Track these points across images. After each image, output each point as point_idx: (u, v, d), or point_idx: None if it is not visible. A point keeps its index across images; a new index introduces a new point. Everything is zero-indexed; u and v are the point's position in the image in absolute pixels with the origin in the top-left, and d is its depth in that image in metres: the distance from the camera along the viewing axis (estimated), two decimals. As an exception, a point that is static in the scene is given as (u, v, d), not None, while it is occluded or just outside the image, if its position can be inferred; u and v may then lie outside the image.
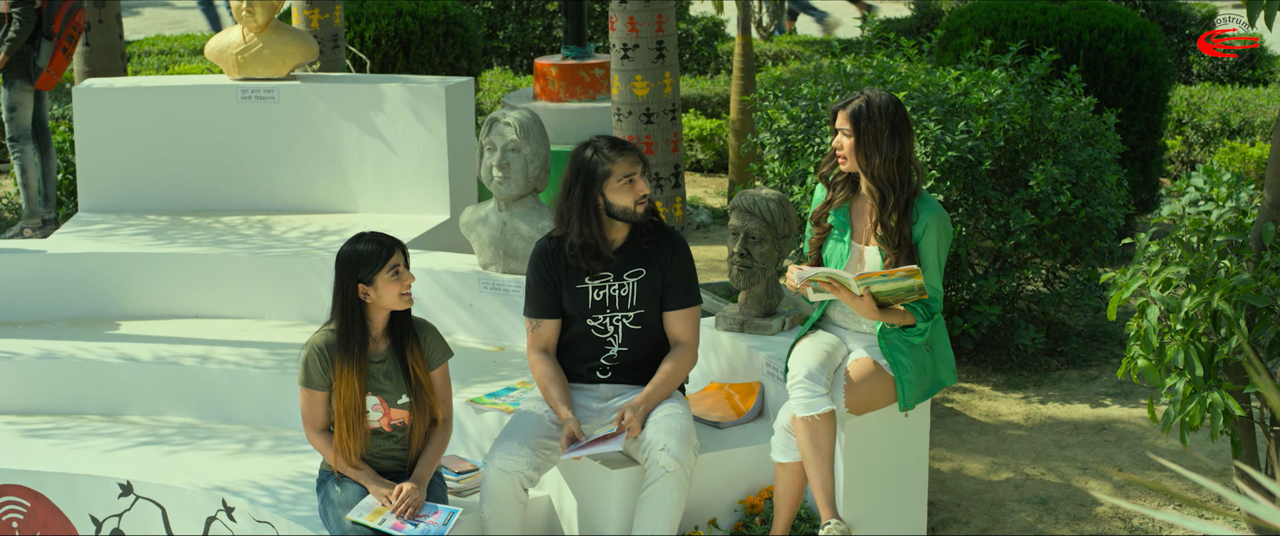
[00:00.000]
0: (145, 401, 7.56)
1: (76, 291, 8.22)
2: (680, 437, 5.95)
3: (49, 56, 10.04)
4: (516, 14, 16.11)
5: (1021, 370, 8.38)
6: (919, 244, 5.96)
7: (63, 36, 10.03)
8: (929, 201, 6.04)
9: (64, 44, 10.06)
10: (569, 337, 6.29)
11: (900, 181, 5.97)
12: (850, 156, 6.01)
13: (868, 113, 5.97)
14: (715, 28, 16.40)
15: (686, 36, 16.04)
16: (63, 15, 10.02)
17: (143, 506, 6.77)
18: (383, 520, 5.92)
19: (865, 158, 5.98)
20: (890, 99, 6.02)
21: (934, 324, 6.07)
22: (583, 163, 6.14)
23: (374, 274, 5.93)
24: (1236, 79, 14.54)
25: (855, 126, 5.98)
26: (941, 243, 6.00)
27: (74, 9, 10.08)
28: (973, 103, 8.15)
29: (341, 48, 10.38)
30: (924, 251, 5.96)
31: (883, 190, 5.97)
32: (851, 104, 6.02)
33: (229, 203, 9.01)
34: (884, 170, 5.96)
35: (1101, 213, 8.12)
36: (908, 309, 5.98)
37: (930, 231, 5.96)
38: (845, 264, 6.09)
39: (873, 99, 6.00)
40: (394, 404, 6.02)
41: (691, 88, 14.21)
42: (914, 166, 6.03)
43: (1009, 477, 7.21)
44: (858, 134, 5.98)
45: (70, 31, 10.07)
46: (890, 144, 5.95)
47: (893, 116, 5.98)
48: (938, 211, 6.01)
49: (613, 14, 7.55)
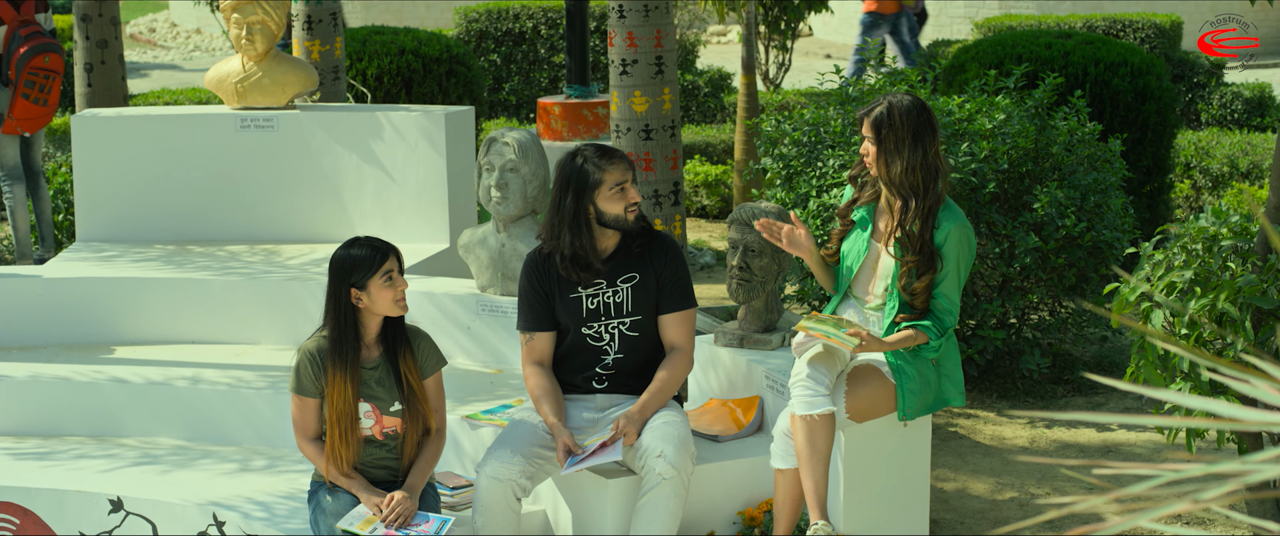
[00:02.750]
0: (138, 423, 7.47)
1: (72, 316, 8.15)
2: (677, 444, 5.85)
3: (8, 103, 9.97)
4: (522, 66, 16.10)
5: (1027, 396, 8.28)
6: (941, 252, 5.86)
7: (20, 82, 9.93)
8: (953, 210, 5.94)
9: (23, 89, 9.94)
10: (565, 349, 6.20)
11: (923, 188, 5.88)
12: (874, 164, 5.94)
13: (889, 119, 5.89)
14: (721, 80, 16.37)
15: (693, 88, 16.01)
16: (17, 60, 9.93)
17: (133, 522, 6.66)
18: (374, 529, 5.82)
19: (886, 165, 5.90)
20: (913, 102, 5.93)
21: (947, 340, 5.97)
22: (573, 172, 6.06)
23: (367, 279, 5.85)
24: (1245, 126, 14.48)
25: (877, 134, 5.90)
26: (962, 253, 5.89)
27: (32, 53, 9.95)
28: (977, 129, 8.08)
29: (342, 80, 10.34)
30: (945, 260, 5.87)
31: (904, 197, 5.89)
32: (874, 111, 5.94)
33: (227, 232, 8.95)
34: (905, 177, 5.88)
35: (1107, 237, 8.03)
36: (922, 329, 5.88)
37: (952, 240, 5.86)
38: (861, 261, 6.01)
39: (895, 104, 5.92)
40: (386, 411, 5.93)
41: (696, 135, 14.16)
42: (940, 171, 5.94)
43: (1013, 496, 7.09)
44: (879, 141, 5.90)
45: (27, 76, 9.94)
46: (912, 150, 5.86)
47: (915, 122, 5.88)
48: (961, 221, 5.91)
49: (611, 29, 7.50)
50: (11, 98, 9.94)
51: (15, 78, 9.90)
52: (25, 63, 9.90)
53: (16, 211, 10.21)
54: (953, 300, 5.90)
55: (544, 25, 16.13)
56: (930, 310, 5.90)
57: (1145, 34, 15.86)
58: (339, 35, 10.37)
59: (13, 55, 9.93)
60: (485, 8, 16.42)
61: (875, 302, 6.02)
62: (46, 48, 10.01)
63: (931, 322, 5.88)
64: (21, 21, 9.99)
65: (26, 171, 10.33)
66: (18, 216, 10.21)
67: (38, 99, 10.00)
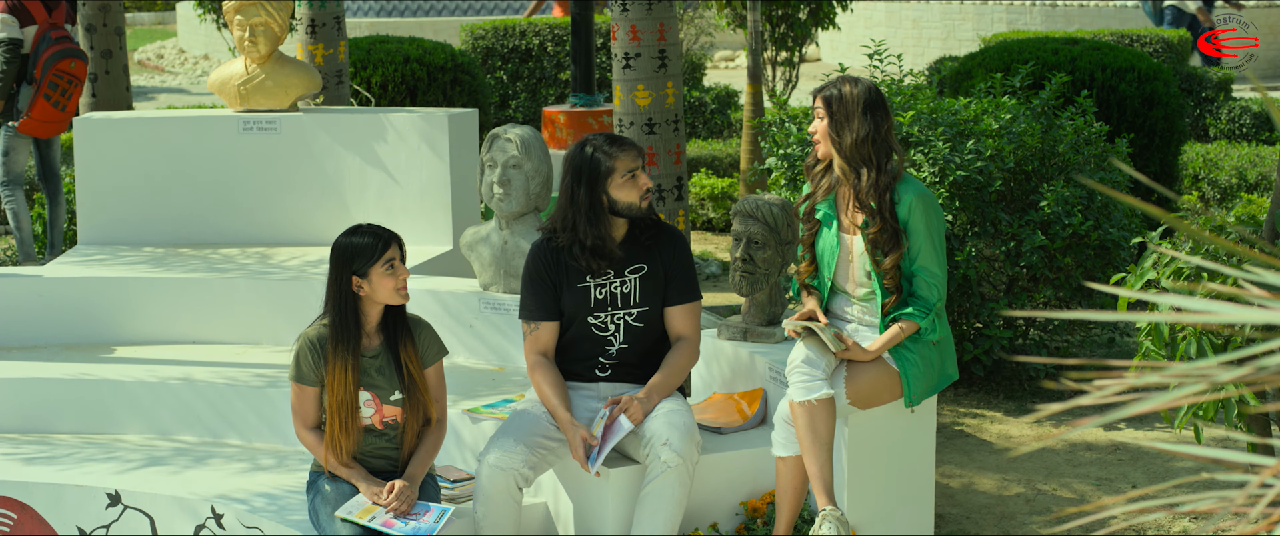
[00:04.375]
0: (138, 422, 7.41)
1: (72, 316, 8.10)
2: (683, 432, 5.78)
3: (29, 101, 9.96)
4: (529, 83, 16.07)
5: (1033, 398, 8.21)
6: (907, 227, 5.82)
7: (44, 82, 9.92)
8: (911, 182, 5.92)
9: (46, 90, 9.94)
10: (569, 338, 6.14)
11: (875, 160, 5.85)
12: (824, 139, 5.92)
13: (840, 94, 5.90)
14: (728, 97, 16.34)
15: (700, 105, 15.98)
16: (45, 60, 9.93)
17: (130, 516, 6.60)
18: (373, 517, 5.75)
19: (836, 136, 5.88)
20: (867, 84, 5.95)
21: (940, 319, 5.92)
22: (584, 161, 6.02)
23: (368, 266, 5.80)
24: (1253, 140, 14.43)
25: (827, 107, 5.90)
26: (930, 221, 5.84)
27: (58, 56, 9.96)
28: (983, 129, 8.02)
29: (346, 85, 10.30)
30: (913, 234, 5.82)
31: (856, 168, 5.86)
32: (825, 87, 5.95)
33: (230, 235, 8.90)
34: (856, 149, 5.86)
35: (1114, 236, 7.97)
36: (905, 317, 5.83)
37: (916, 212, 5.82)
38: (835, 257, 5.98)
39: (847, 81, 5.95)
40: (386, 400, 5.87)
41: (703, 149, 14.13)
42: (893, 148, 5.91)
43: (1020, 492, 7.02)
44: (830, 115, 5.89)
45: (52, 78, 9.94)
46: (862, 122, 5.85)
47: (865, 98, 5.89)
48: (921, 190, 5.88)
49: (614, 23, 7.45)
50: (33, 97, 9.95)
51: (40, 77, 9.91)
52: (52, 64, 9.93)
53: (20, 215, 10.18)
54: (933, 273, 5.84)
55: (551, 42, 16.10)
56: (914, 292, 5.85)
57: (1153, 48, 15.82)
58: (342, 39, 10.34)
59: (41, 55, 9.93)
60: (491, 25, 16.39)
61: (862, 292, 5.98)
62: (74, 53, 10.06)
63: (915, 307, 5.82)
64: (52, 25, 10.02)
65: (46, 176, 10.33)
66: (20, 220, 10.18)
67: (58, 102, 10.00)
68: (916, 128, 7.91)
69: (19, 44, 9.88)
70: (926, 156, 7.78)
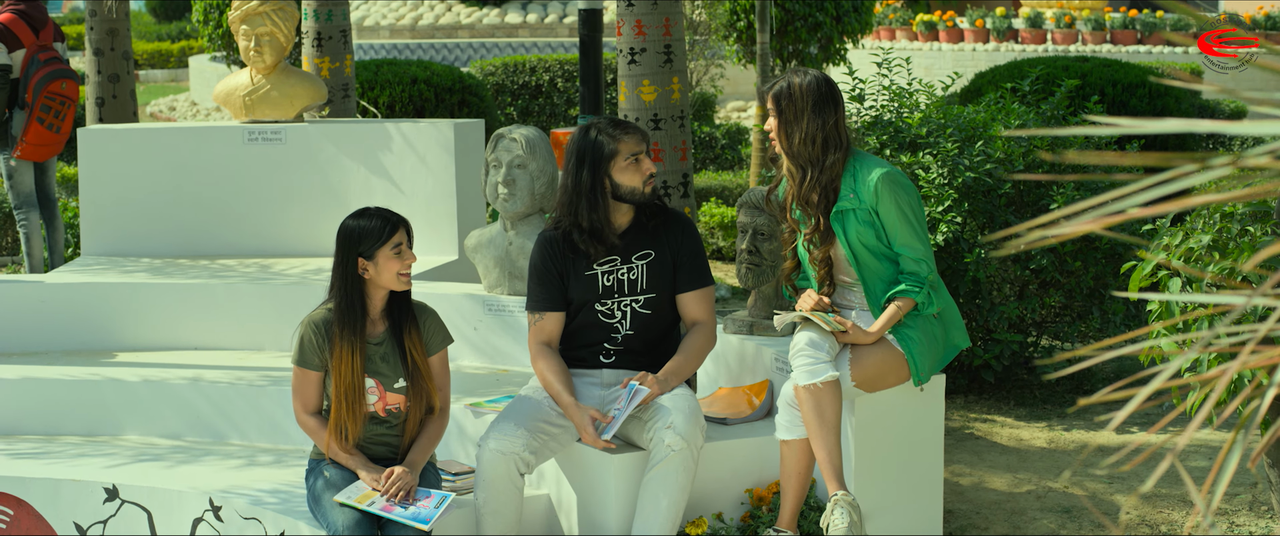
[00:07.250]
0: (138, 423, 7.34)
1: (73, 323, 8.04)
2: (687, 416, 5.70)
3: (22, 126, 9.91)
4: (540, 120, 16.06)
5: (1045, 404, 8.11)
6: (877, 212, 5.73)
7: (36, 106, 9.88)
8: (870, 160, 5.85)
9: (39, 113, 9.89)
10: (575, 326, 6.07)
11: (821, 159, 5.78)
12: (778, 138, 5.86)
13: (789, 92, 5.83)
14: (738, 133, 16.31)
15: (710, 139, 15.95)
16: (35, 83, 9.88)
17: (128, 511, 6.52)
18: (372, 503, 5.67)
19: (786, 137, 5.82)
20: (815, 77, 5.86)
21: (936, 291, 5.83)
22: (588, 144, 5.97)
23: (375, 249, 5.72)
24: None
25: (776, 104, 5.85)
26: (901, 198, 5.75)
27: (49, 77, 9.91)
28: (993, 134, 7.97)
29: (352, 98, 10.26)
30: (886, 216, 5.74)
31: (802, 167, 5.81)
32: (774, 83, 5.89)
33: (234, 246, 8.85)
34: (802, 148, 5.80)
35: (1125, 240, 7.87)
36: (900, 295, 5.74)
37: (884, 194, 5.73)
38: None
39: (796, 76, 5.87)
40: (390, 388, 5.79)
41: (713, 180, 14.08)
42: (840, 144, 5.82)
43: (1030, 490, 6.92)
44: (779, 112, 5.83)
45: (45, 101, 9.89)
46: (810, 120, 5.78)
47: (815, 93, 5.81)
48: (885, 169, 5.79)
49: (619, 18, 7.41)
50: (26, 121, 9.88)
51: (32, 102, 9.85)
52: (43, 87, 9.86)
53: (31, 237, 10.13)
54: (917, 248, 5.75)
55: (561, 78, 16.09)
56: (903, 270, 5.77)
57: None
58: (349, 52, 10.31)
59: (31, 79, 9.88)
60: (501, 62, 16.39)
61: (851, 281, 5.91)
62: (64, 74, 9.99)
63: (908, 283, 5.74)
64: (40, 46, 9.97)
65: (42, 201, 10.26)
66: (32, 243, 10.13)
67: (52, 125, 9.93)
68: (924, 130, 7.85)
69: (8, 70, 9.83)
70: (935, 158, 7.72)
